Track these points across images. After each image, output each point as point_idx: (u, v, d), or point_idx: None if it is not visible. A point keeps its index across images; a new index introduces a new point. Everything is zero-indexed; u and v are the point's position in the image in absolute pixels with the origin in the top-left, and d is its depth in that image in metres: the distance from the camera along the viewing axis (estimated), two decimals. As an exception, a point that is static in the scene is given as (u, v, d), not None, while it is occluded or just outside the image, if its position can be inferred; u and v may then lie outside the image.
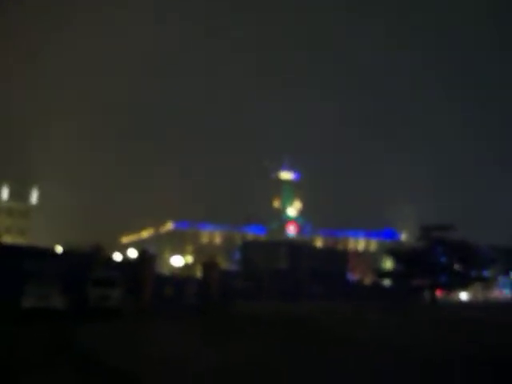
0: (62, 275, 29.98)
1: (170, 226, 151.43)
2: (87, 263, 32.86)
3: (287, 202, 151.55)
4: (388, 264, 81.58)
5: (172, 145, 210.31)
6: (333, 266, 57.31)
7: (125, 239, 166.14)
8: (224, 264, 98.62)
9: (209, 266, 42.94)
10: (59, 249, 41.96)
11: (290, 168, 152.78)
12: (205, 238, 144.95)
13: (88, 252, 35.05)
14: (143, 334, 22.00)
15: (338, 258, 62.53)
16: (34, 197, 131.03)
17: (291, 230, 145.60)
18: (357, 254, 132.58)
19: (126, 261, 39.91)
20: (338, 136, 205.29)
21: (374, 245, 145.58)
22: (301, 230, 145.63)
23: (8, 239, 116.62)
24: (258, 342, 19.22)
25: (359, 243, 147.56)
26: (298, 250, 57.83)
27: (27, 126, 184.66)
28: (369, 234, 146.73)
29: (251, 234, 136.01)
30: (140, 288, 35.80)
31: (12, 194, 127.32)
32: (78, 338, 18.76)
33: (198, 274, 45.85)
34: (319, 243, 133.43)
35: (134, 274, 35.83)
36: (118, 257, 41.60)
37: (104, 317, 27.34)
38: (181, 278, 42.41)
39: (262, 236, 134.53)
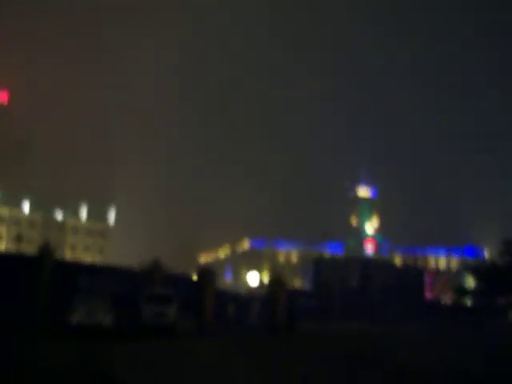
0: (114, 292, 29.35)
1: (246, 243, 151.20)
2: (143, 280, 31.96)
3: (364, 218, 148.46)
4: (470, 282, 77.52)
5: (249, 158, 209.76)
6: (409, 285, 54.54)
7: (202, 257, 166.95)
8: (299, 283, 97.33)
9: (275, 284, 41.26)
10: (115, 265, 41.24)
11: (366, 183, 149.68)
12: (281, 257, 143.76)
13: (146, 269, 34.26)
14: (198, 357, 20.63)
15: (414, 276, 59.53)
16: (111, 217, 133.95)
17: (369, 248, 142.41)
18: (437, 271, 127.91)
19: (187, 278, 38.54)
20: (415, 149, 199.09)
21: (455, 262, 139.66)
22: (378, 248, 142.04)
23: (87, 258, 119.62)
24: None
25: (440, 260, 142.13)
26: (370, 267, 55.42)
27: (104, 149, 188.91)
28: (450, 251, 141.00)
29: (328, 251, 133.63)
30: (200, 306, 34.64)
31: (91, 215, 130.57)
32: (116, 363, 17.51)
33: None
34: (397, 261, 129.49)
35: (195, 292, 34.80)
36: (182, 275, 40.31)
37: (157, 335, 26.36)
38: (245, 296, 40.68)
39: (339, 254, 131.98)
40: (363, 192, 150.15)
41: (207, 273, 36.23)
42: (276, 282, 41.68)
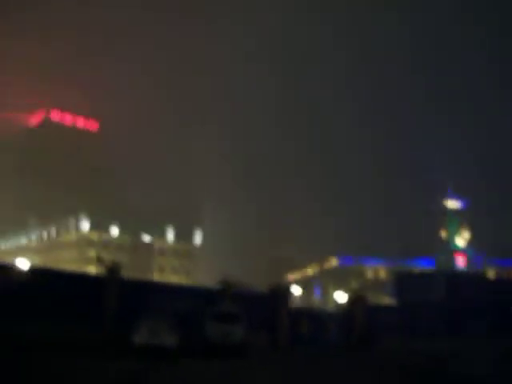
0: (181, 311, 28.98)
1: (334, 262, 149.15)
2: (214, 299, 31.38)
3: (454, 231, 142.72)
4: None
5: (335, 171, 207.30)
6: (503, 299, 51.22)
7: (291, 276, 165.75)
8: (387, 299, 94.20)
9: (354, 300, 39.95)
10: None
11: (455, 196, 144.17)
12: (370, 274, 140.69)
13: (214, 288, 33.78)
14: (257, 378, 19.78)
15: (507, 289, 55.89)
16: (198, 238, 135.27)
17: (460, 262, 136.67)
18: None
19: (261, 296, 37.67)
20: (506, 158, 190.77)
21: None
22: (470, 262, 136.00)
23: (175, 279, 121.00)
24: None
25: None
26: (458, 281, 52.61)
27: (189, 171, 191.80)
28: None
29: (418, 267, 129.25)
30: (274, 325, 33.73)
31: (177, 236, 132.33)
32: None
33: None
34: (491, 274, 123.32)
35: (269, 311, 33.97)
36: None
37: (224, 355, 25.63)
38: (321, 313, 39.40)
39: (430, 269, 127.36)
40: (452, 204, 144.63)
41: (280, 290, 35.32)
42: (355, 298, 40.40)
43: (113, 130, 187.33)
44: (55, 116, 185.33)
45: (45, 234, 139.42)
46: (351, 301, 39.96)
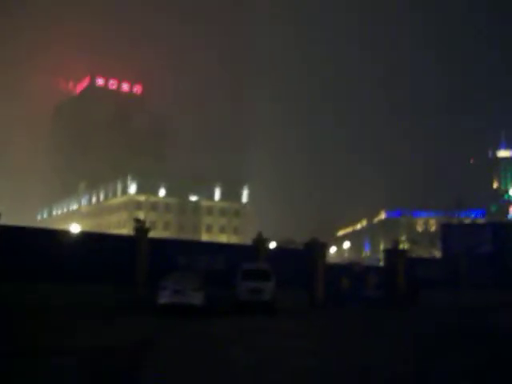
0: (211, 269, 28.56)
1: (382, 215, 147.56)
2: (245, 256, 30.74)
3: (507, 182, 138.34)
4: None
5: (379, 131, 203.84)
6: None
7: (341, 232, 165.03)
8: (437, 253, 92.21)
9: (393, 253, 38.63)
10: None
11: (508, 145, 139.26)
12: (419, 226, 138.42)
13: (248, 245, 33.04)
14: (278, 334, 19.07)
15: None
16: (245, 196, 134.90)
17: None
18: None
19: (297, 252, 36.81)
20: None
21: None
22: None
23: (223, 238, 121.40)
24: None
25: None
26: (505, 231, 50.50)
27: (236, 128, 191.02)
28: None
29: (469, 218, 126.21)
30: (310, 282, 32.90)
31: (224, 195, 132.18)
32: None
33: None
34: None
35: (305, 267, 33.13)
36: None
37: (253, 313, 25.10)
38: (360, 268, 38.21)
39: (482, 220, 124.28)
40: (504, 154, 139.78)
41: (316, 245, 34.30)
42: (394, 251, 39.09)
43: (158, 93, 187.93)
44: (100, 82, 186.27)
45: (94, 199, 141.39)
46: (389, 254, 38.60)
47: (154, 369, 12.27)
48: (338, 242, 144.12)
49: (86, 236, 32.75)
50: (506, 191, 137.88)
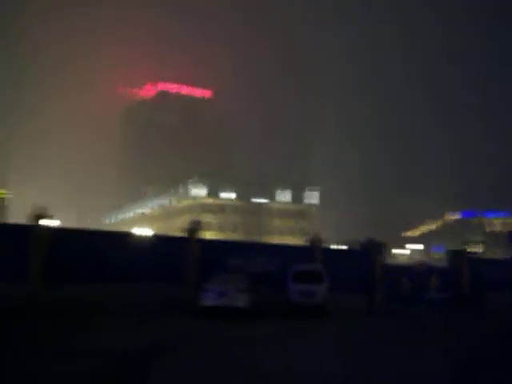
0: (258, 270, 27.93)
1: (454, 216, 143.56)
2: (300, 257, 29.93)
3: None
4: None
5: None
6: None
7: (410, 233, 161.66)
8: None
9: (457, 254, 37.04)
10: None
11: None
12: (493, 227, 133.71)
13: (302, 246, 32.21)
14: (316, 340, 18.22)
15: None
16: (314, 198, 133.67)
17: None
18: None
19: (357, 253, 35.67)
20: None
21: None
22: None
23: (291, 240, 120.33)
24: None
25: None
26: None
27: (305, 130, 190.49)
28: None
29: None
30: (368, 284, 31.75)
31: (294, 198, 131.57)
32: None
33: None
34: None
35: (363, 269, 32.04)
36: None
37: (304, 316, 24.30)
38: (421, 269, 36.71)
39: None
40: None
41: (374, 245, 33.12)
42: (458, 251, 37.47)
43: (226, 97, 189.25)
44: (170, 87, 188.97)
45: (161, 202, 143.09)
46: (453, 254, 36.98)
47: (157, 374, 11.81)
48: (407, 243, 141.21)
49: (137, 237, 32.64)
50: None
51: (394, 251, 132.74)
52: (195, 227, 28.99)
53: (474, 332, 21.57)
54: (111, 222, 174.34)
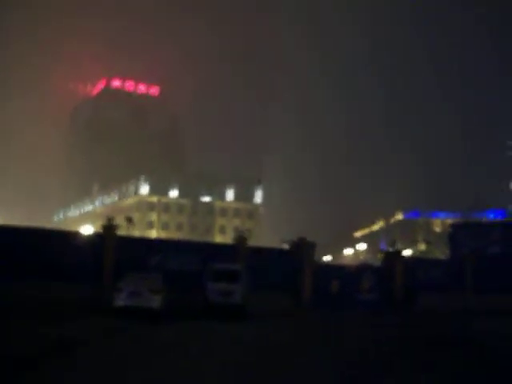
0: (175, 269, 26.87)
1: (400, 216, 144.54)
2: (223, 256, 28.81)
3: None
4: None
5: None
6: None
7: (357, 233, 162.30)
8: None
9: (390, 254, 36.35)
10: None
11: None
12: (437, 226, 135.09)
13: (228, 244, 31.18)
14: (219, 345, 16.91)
15: None
16: (259, 197, 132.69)
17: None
18: None
19: (283, 252, 34.56)
20: None
21: None
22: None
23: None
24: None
25: None
26: (515, 230, 47.62)
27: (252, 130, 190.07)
28: None
29: (489, 219, 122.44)
30: (296, 284, 30.80)
31: (238, 196, 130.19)
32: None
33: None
34: None
35: (291, 268, 31.08)
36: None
37: (222, 316, 23.10)
38: (353, 270, 36.01)
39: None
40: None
41: (304, 245, 32.13)
42: (390, 252, 36.80)
43: (174, 94, 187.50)
44: (116, 83, 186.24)
45: (107, 200, 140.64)
46: (386, 255, 36.29)
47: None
48: (355, 243, 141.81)
49: (55, 236, 31.02)
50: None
51: (346, 251, 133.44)
52: (111, 225, 27.44)
53: (377, 337, 20.61)
54: (59, 219, 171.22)
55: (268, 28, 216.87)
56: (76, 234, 33.60)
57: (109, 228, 27.35)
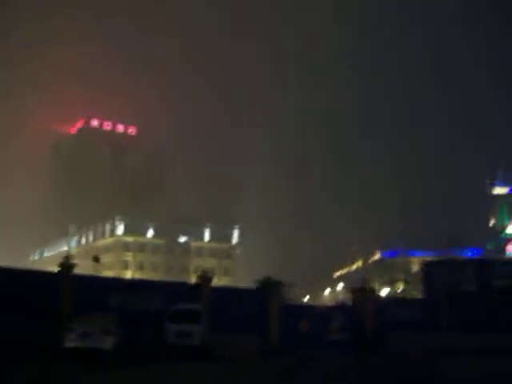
0: (131, 310, 25.73)
1: (377, 255, 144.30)
2: (187, 296, 27.85)
3: (504, 219, 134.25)
4: None
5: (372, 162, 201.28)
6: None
7: (337, 273, 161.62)
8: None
9: (359, 293, 35.48)
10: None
11: (503, 181, 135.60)
12: (415, 265, 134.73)
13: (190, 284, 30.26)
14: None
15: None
16: (235, 237, 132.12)
17: (511, 250, 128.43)
18: None
19: (251, 292, 33.62)
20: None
21: None
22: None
23: (214, 280, 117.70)
24: None
25: None
26: (489, 268, 47.24)
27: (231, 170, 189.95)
28: None
29: (466, 257, 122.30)
30: (263, 324, 29.82)
31: (214, 237, 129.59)
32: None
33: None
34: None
35: (258, 308, 30.16)
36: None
37: (180, 358, 22.10)
38: (323, 309, 35.15)
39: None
40: (501, 190, 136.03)
41: (271, 284, 31.25)
42: (359, 290, 35.89)
43: (152, 133, 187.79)
44: (94, 123, 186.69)
45: (83, 240, 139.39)
46: (355, 294, 35.42)
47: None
48: (334, 283, 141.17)
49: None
50: (503, 229, 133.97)
51: (326, 291, 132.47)
52: (68, 264, 26.42)
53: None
54: (34, 259, 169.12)
55: (246, 66, 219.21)
56: (33, 273, 32.53)
57: (66, 267, 26.28)
